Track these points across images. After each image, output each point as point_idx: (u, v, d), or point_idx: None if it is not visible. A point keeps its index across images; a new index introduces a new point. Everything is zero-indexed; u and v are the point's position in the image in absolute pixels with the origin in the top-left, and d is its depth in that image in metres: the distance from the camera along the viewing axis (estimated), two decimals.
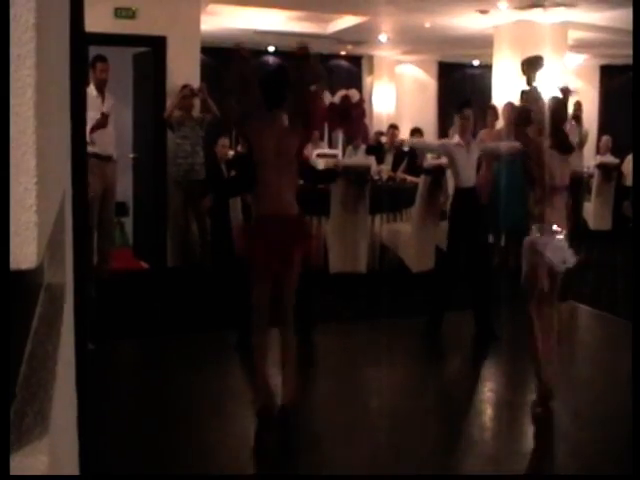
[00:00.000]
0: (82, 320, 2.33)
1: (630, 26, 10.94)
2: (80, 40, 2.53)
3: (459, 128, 6.70)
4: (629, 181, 13.16)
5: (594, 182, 12.16)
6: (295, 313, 4.57)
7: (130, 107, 9.56)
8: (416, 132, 10.28)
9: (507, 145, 8.37)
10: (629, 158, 13.36)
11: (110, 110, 7.58)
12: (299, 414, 4.83)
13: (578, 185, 10.84)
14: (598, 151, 13.16)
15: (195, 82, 8.87)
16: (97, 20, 7.39)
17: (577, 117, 10.76)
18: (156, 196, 8.99)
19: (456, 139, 6.75)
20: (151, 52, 8.98)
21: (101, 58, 7.59)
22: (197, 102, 8.88)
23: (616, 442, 4.52)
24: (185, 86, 8.66)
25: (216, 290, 7.73)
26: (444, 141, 7.66)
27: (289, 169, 4.42)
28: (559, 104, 5.20)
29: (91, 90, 7.33)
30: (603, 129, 15.33)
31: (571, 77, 13.71)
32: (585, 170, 11.64)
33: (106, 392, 4.87)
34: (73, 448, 2.06)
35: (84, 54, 4.44)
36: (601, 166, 12.06)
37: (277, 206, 4.37)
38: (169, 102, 8.73)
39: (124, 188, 9.30)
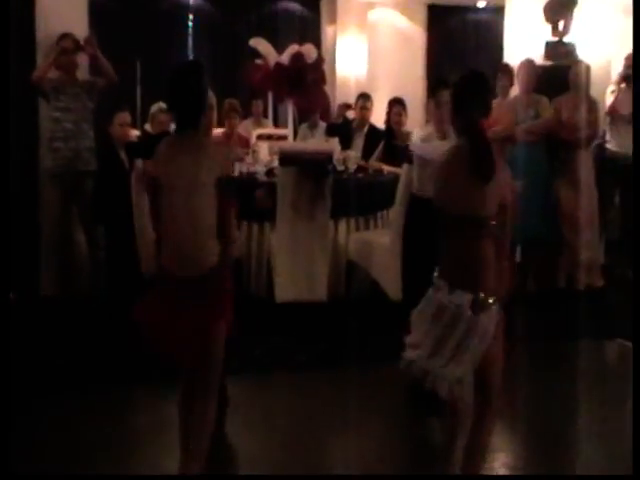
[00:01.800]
0: None
1: None
2: None
3: (434, 118, 6.73)
4: None
5: None
6: None
7: None
8: (396, 104, 10.26)
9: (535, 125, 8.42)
10: None
11: None
12: None
13: (630, 174, 10.91)
14: None
15: (81, 30, 8.77)
16: None
17: (629, 78, 10.78)
18: (22, 195, 8.85)
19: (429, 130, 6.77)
20: None
21: None
22: (83, 59, 8.78)
23: None
24: (65, 35, 8.55)
25: (112, 330, 7.61)
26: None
27: (203, 212, 4.37)
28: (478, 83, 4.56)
29: None
30: None
31: (622, 18, 13.73)
32: None
33: None
34: None
35: None
36: None
37: (183, 262, 4.38)
38: (41, 58, 8.60)
39: None
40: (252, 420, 6.12)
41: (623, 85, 10.64)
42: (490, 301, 4.21)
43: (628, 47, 11.75)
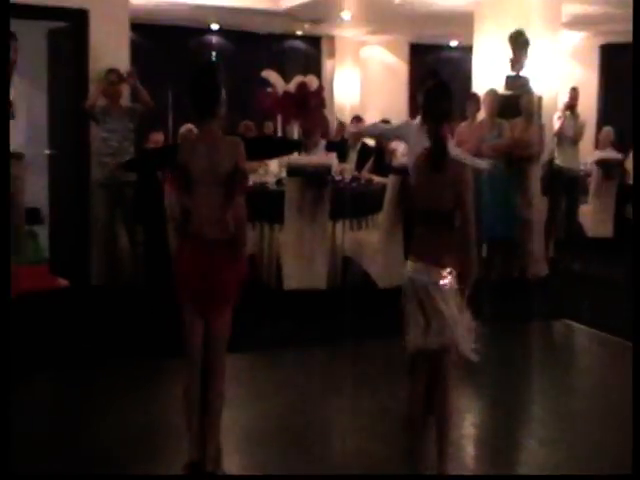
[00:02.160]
0: None
1: None
2: None
3: None
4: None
5: (592, 181, 12.22)
6: None
7: (44, 94, 9.40)
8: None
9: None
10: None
11: (19, 98, 7.48)
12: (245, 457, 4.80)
13: (574, 185, 11.00)
14: (597, 145, 13.26)
15: (123, 65, 8.79)
16: None
17: (572, 107, 10.85)
18: (77, 201, 8.87)
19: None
20: (70, 28, 8.87)
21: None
22: (126, 89, 8.80)
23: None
24: (111, 70, 8.58)
25: (149, 312, 7.65)
26: (407, 121, 7.26)
27: (222, 189, 4.37)
28: (438, 94, 4.53)
29: None
30: (604, 119, 15.42)
31: (566, 59, 13.82)
32: (582, 168, 11.76)
33: (17, 432, 4.76)
34: None
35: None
36: (601, 163, 12.13)
37: (206, 228, 4.38)
38: (92, 89, 8.62)
39: (37, 191, 9.15)
40: (264, 388, 6.10)
41: (567, 112, 10.73)
42: (448, 276, 4.24)
43: (571, 82, 11.82)
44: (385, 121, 10.16)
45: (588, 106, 15.30)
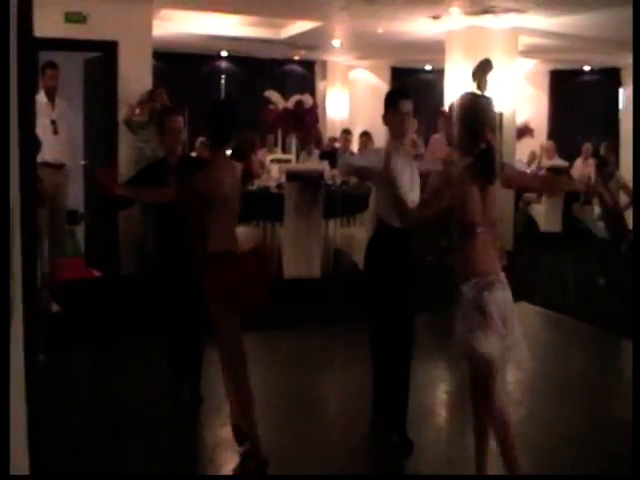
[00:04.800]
0: (32, 332, 2.30)
1: (577, 32, 11.13)
2: (28, 45, 2.50)
3: (395, 125, 4.76)
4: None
5: None
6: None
7: (81, 113, 9.45)
8: (364, 136, 10.30)
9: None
10: (578, 161, 13.65)
11: (60, 117, 7.51)
12: None
13: None
14: (547, 155, 13.43)
15: (147, 87, 8.84)
16: (47, 25, 7.29)
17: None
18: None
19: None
20: (102, 57, 8.91)
21: (50, 64, 7.50)
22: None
23: (578, 445, 4.61)
24: (148, 91, 8.68)
25: (171, 299, 7.68)
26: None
27: (235, 207, 4.24)
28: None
29: (41, 97, 7.24)
30: (553, 133, 15.57)
31: (521, 82, 13.92)
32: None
33: (59, 403, 4.82)
34: (22, 460, 2.05)
35: (33, 59, 4.37)
36: (551, 169, 12.25)
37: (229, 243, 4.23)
38: (130, 105, 8.66)
39: (75, 196, 9.18)
40: (268, 363, 6.15)
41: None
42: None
43: (526, 101, 11.90)
44: (365, 133, 10.15)
45: (540, 121, 15.47)
